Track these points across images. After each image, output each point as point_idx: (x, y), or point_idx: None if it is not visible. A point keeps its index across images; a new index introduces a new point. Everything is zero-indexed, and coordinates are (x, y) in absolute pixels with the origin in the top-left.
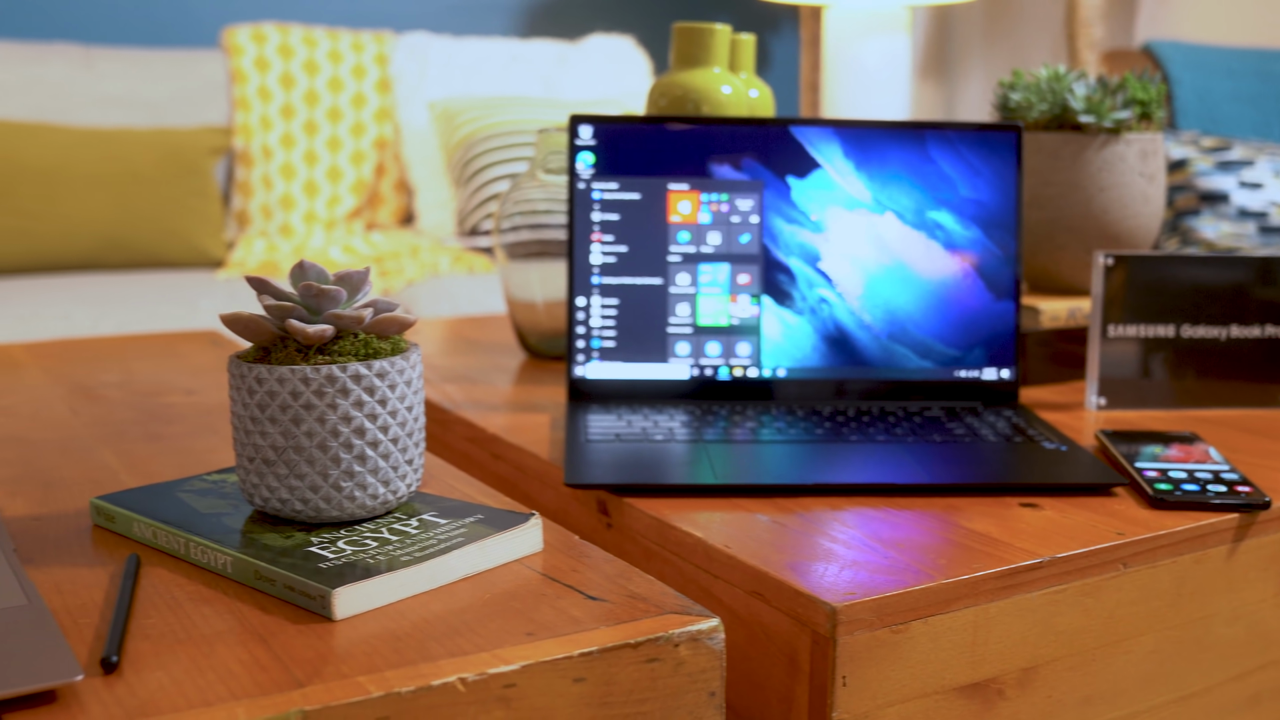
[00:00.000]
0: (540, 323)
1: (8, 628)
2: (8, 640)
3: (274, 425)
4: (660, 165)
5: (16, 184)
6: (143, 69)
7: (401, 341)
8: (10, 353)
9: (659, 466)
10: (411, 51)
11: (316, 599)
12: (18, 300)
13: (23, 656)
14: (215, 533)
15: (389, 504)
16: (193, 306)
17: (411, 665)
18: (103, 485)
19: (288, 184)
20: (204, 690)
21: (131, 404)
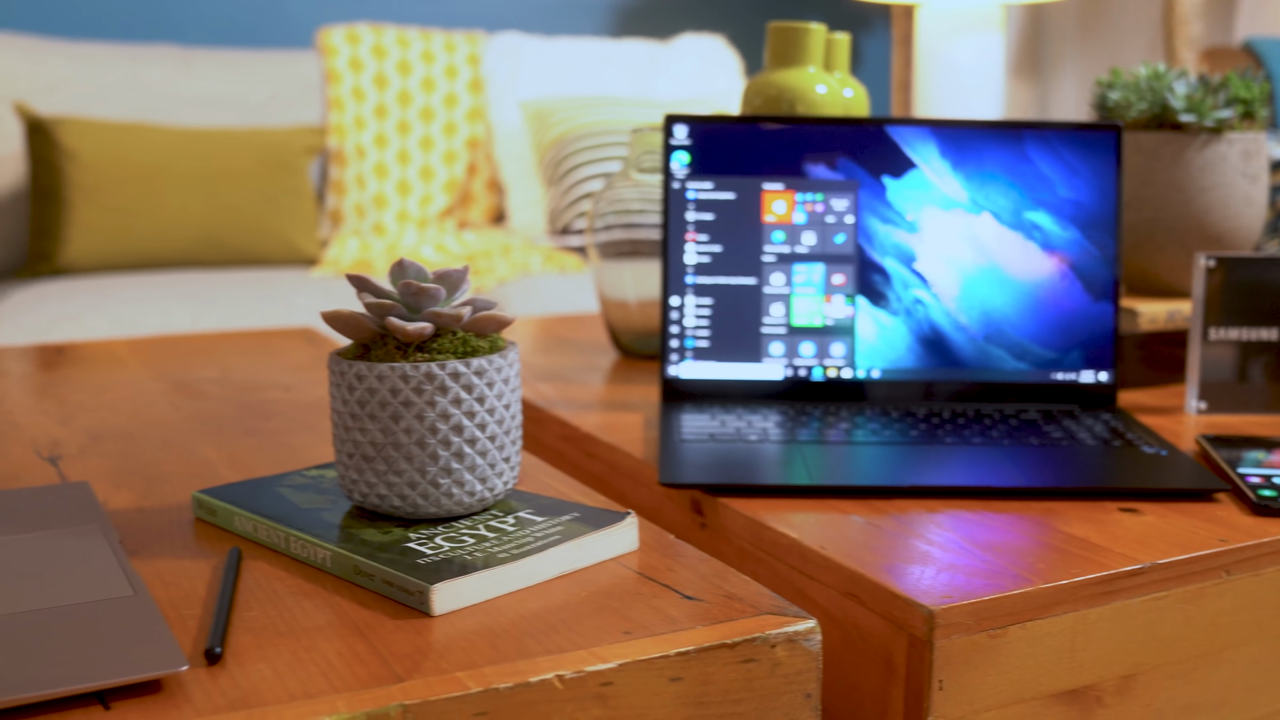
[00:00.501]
0: (633, 322)
1: (115, 618)
2: (115, 630)
3: (373, 422)
4: (755, 165)
5: (118, 183)
6: (240, 70)
7: (499, 340)
8: (112, 349)
9: (753, 467)
10: (503, 51)
11: (415, 594)
12: (119, 296)
13: (129, 646)
14: (315, 527)
15: (486, 501)
16: (288, 304)
17: (509, 662)
18: (203, 479)
19: (381, 183)
20: (305, 683)
21: (230, 400)
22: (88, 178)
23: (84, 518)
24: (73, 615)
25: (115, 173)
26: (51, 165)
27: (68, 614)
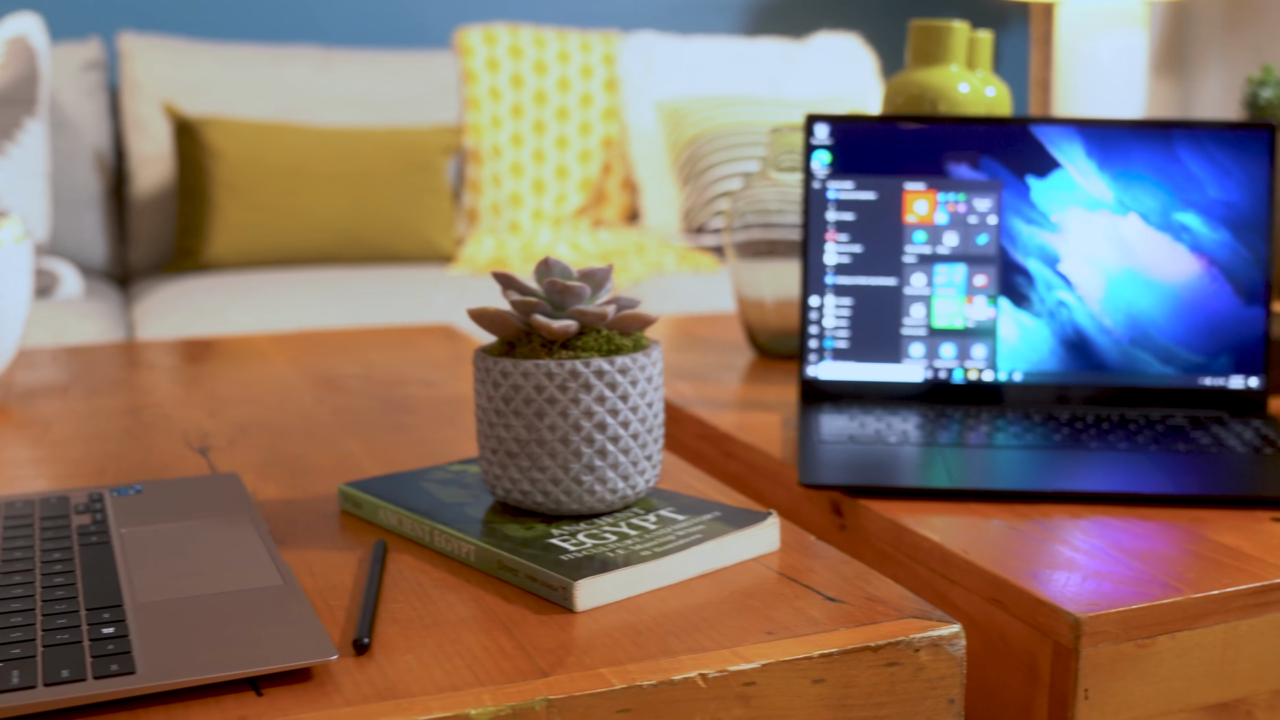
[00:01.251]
0: (770, 322)
1: (265, 607)
2: (265, 619)
3: (517, 418)
4: (896, 164)
5: (261, 181)
6: (379, 70)
7: (643, 338)
8: (257, 344)
9: (893, 468)
10: (638, 51)
11: (558, 590)
12: (261, 292)
13: (280, 635)
14: (459, 522)
15: (628, 499)
16: (425, 300)
17: (652, 659)
18: (348, 472)
19: (516, 182)
20: (451, 675)
21: (372, 394)
22: (232, 176)
23: (235, 508)
24: (226, 602)
25: (258, 171)
26: (198, 164)
27: (221, 601)
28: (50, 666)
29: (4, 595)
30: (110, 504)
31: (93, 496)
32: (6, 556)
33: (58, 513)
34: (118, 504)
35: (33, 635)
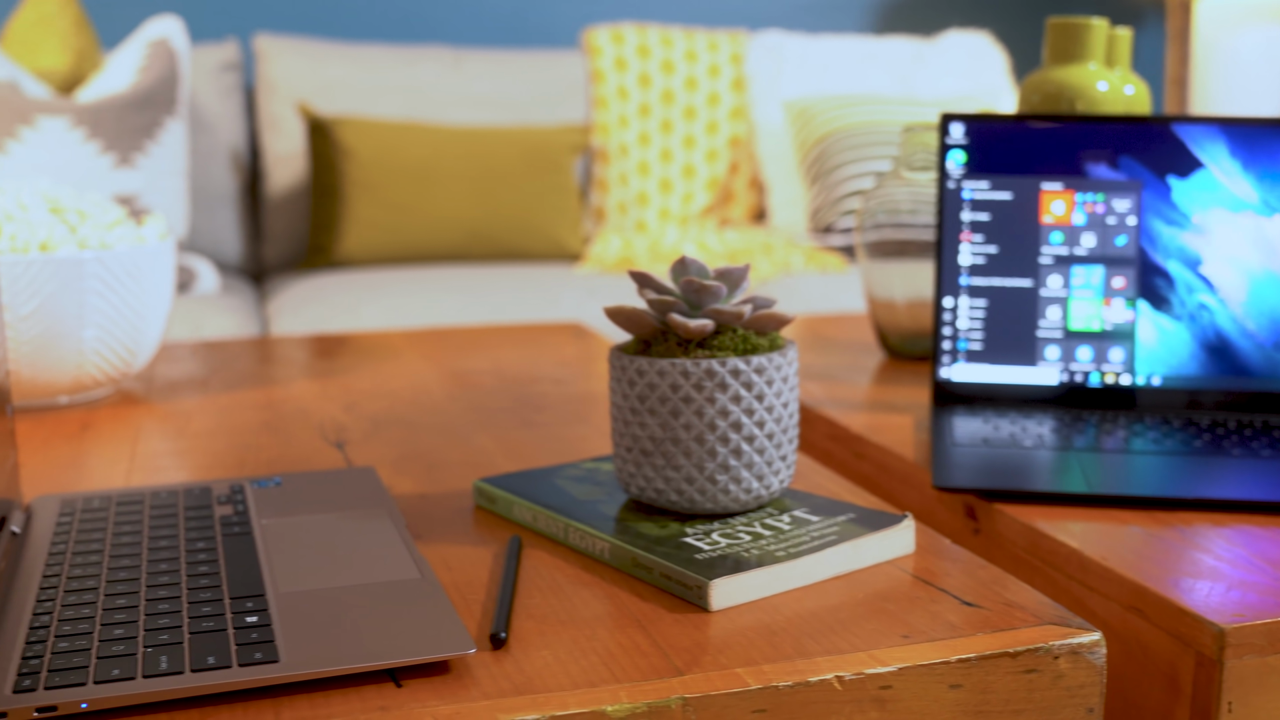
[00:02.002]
0: (901, 322)
1: (404, 600)
2: (404, 611)
3: (652, 417)
4: (1033, 164)
5: (391, 180)
6: (507, 70)
7: (778, 338)
8: (390, 340)
9: (1028, 472)
10: (766, 50)
11: (693, 589)
12: (392, 289)
13: (419, 628)
14: (593, 519)
15: (761, 499)
16: (553, 299)
17: (788, 660)
18: (481, 468)
19: (643, 181)
20: (587, 671)
21: (504, 391)
22: (364, 175)
23: (371, 501)
24: (365, 594)
25: (389, 170)
26: (330, 163)
27: (360, 593)
28: (197, 653)
29: (152, 582)
30: (251, 495)
31: (234, 488)
32: (153, 545)
33: (200, 503)
34: (258, 495)
35: (179, 622)
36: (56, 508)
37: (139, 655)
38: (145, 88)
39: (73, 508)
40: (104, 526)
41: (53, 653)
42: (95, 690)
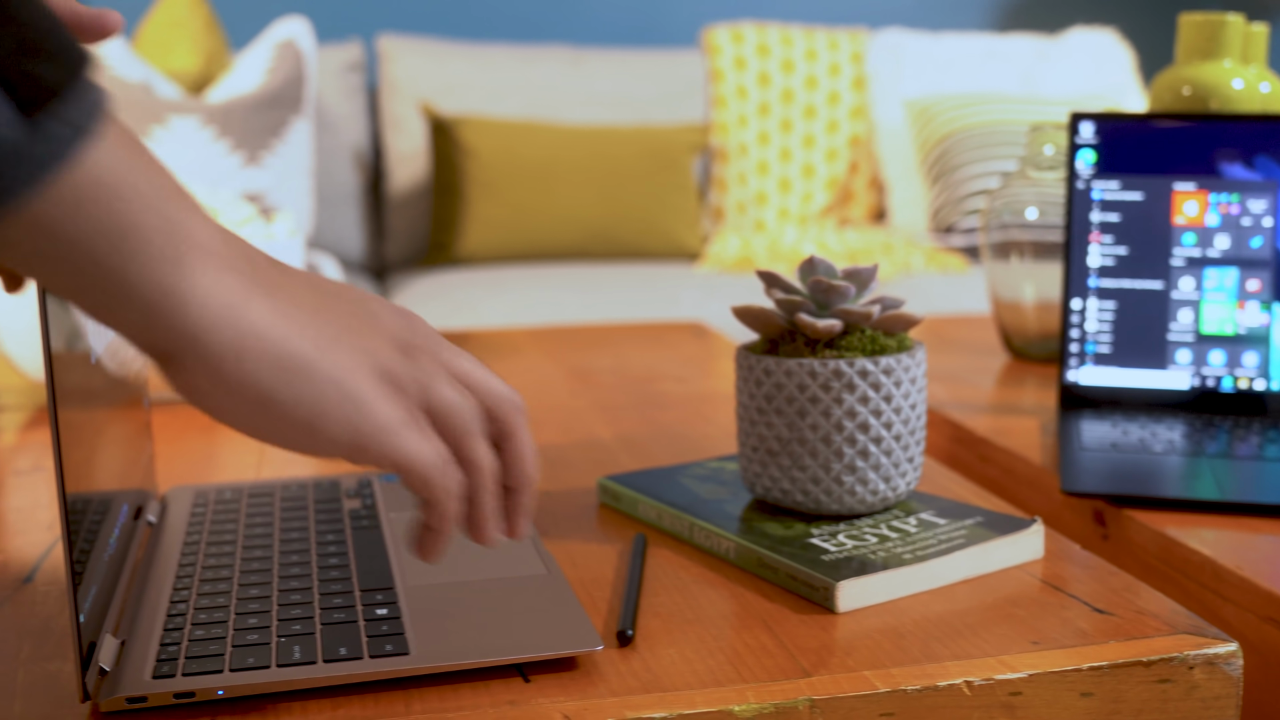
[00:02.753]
0: (1026, 324)
1: (531, 595)
2: (531, 607)
3: (779, 417)
4: (1165, 164)
5: (512, 178)
6: (627, 69)
7: (906, 339)
8: (513, 337)
9: (1159, 478)
10: (887, 48)
11: (820, 590)
12: (511, 286)
13: (546, 623)
14: (718, 518)
15: (888, 501)
16: (672, 298)
17: (916, 664)
18: (605, 465)
19: (762, 180)
20: (714, 670)
21: (626, 389)
22: (485, 173)
23: None
24: (493, 589)
25: (510, 169)
26: (452, 162)
27: (488, 588)
28: (329, 644)
29: (284, 574)
30: (379, 489)
31: (361, 482)
32: (284, 536)
33: (329, 496)
34: (385, 489)
35: (311, 613)
36: (190, 498)
37: (272, 644)
38: (273, 88)
39: (206, 499)
40: (236, 518)
41: (189, 640)
42: (231, 678)
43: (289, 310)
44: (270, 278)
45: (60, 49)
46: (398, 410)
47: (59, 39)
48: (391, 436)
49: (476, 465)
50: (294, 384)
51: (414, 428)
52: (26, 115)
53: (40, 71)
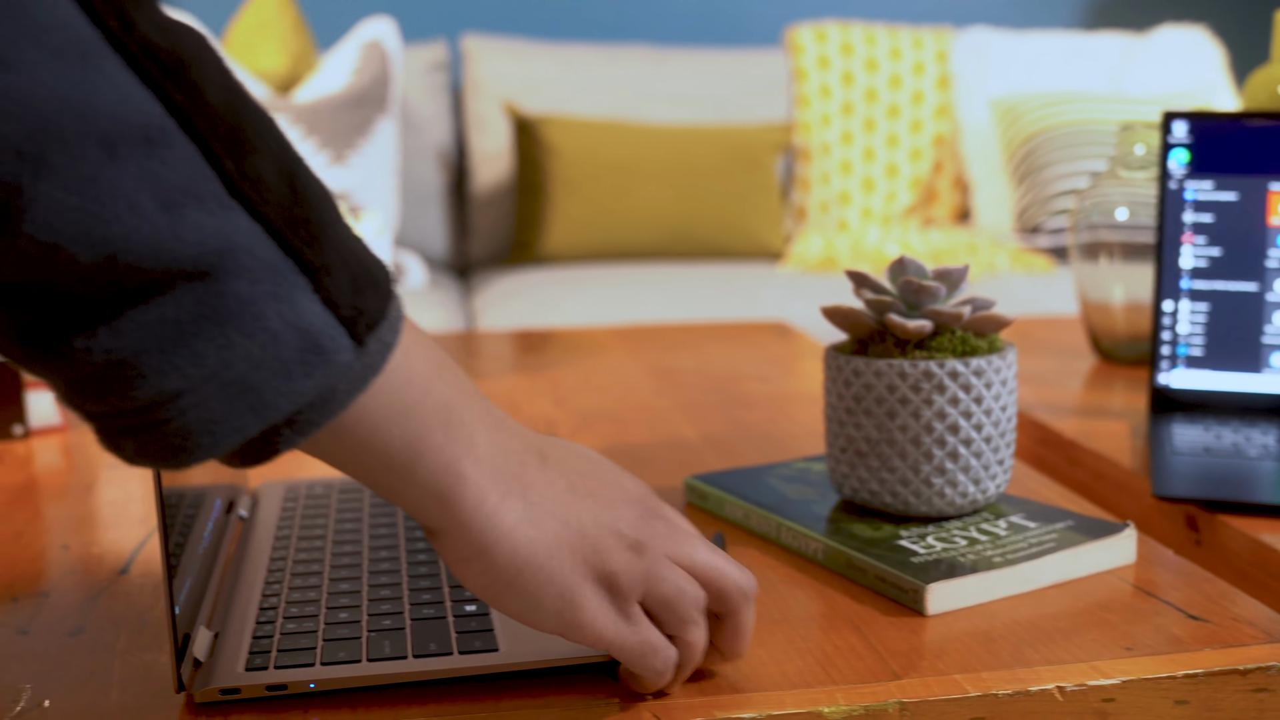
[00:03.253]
0: (1116, 326)
1: None
2: None
3: (868, 418)
4: (1260, 164)
5: (595, 177)
6: (710, 68)
7: (997, 340)
8: (596, 336)
9: (1254, 483)
10: (972, 47)
11: (909, 592)
12: (594, 285)
13: None
14: (805, 519)
15: (977, 503)
16: (754, 297)
17: (1007, 669)
18: (690, 464)
19: (845, 180)
20: (803, 671)
21: (710, 388)
22: (568, 172)
23: None
24: None
25: (593, 168)
26: (535, 161)
27: None
28: (418, 639)
29: (373, 569)
30: None
31: None
32: (373, 533)
33: None
34: None
35: (401, 609)
36: (281, 494)
37: (363, 639)
38: (359, 88)
39: (296, 494)
40: (326, 514)
41: (281, 634)
42: (322, 671)
43: (535, 514)
44: (527, 475)
45: (376, 277)
46: (607, 609)
47: (374, 266)
48: (597, 631)
49: (689, 645)
50: (520, 581)
51: (622, 622)
52: (357, 343)
53: (366, 305)
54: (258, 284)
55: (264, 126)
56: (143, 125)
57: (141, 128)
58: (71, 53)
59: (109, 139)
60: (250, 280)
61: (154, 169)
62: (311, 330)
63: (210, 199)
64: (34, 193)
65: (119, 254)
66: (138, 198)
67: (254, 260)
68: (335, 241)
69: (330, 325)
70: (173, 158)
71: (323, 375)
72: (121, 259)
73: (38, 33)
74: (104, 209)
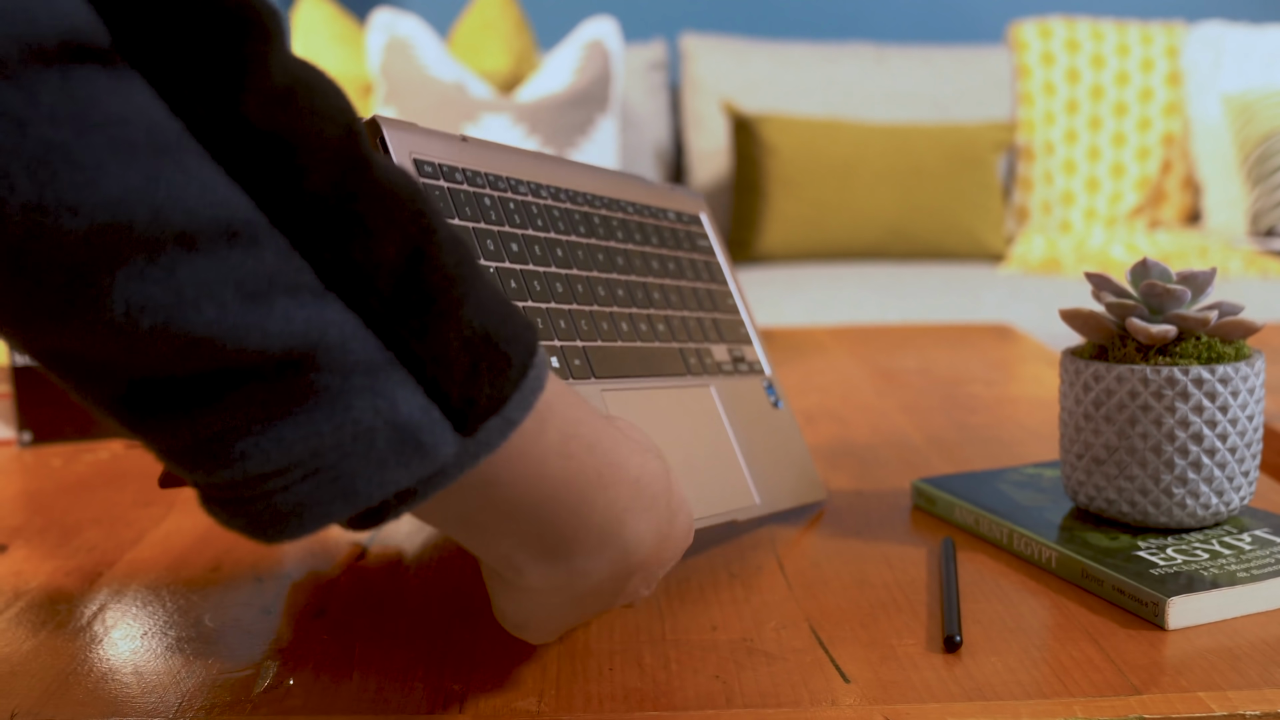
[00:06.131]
0: None
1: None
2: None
3: (1108, 424)
4: None
5: (813, 177)
6: (930, 66)
7: (1244, 347)
8: (816, 336)
9: None
10: (1205, 42)
11: (1148, 605)
12: (812, 285)
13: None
14: (1038, 526)
15: (1219, 515)
16: (975, 299)
17: (1255, 689)
18: (916, 467)
19: (1068, 180)
20: (1039, 682)
21: (934, 391)
22: (786, 171)
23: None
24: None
25: (811, 167)
26: (753, 160)
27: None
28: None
29: None
30: None
31: None
32: None
33: None
34: None
35: None
36: None
37: None
38: (581, 87)
39: None
40: None
41: None
42: None
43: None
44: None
45: (508, 354)
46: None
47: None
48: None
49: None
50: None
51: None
52: (465, 434)
53: (482, 392)
54: (350, 377)
55: (390, 203)
56: (225, 220)
57: (224, 222)
58: (145, 147)
59: (185, 234)
60: (341, 374)
61: (238, 261)
62: (409, 425)
63: (303, 290)
64: (107, 282)
65: (201, 343)
66: (219, 290)
67: (345, 354)
68: (458, 325)
69: (433, 419)
70: (259, 250)
71: (420, 467)
72: (204, 348)
73: (109, 125)
74: (182, 300)
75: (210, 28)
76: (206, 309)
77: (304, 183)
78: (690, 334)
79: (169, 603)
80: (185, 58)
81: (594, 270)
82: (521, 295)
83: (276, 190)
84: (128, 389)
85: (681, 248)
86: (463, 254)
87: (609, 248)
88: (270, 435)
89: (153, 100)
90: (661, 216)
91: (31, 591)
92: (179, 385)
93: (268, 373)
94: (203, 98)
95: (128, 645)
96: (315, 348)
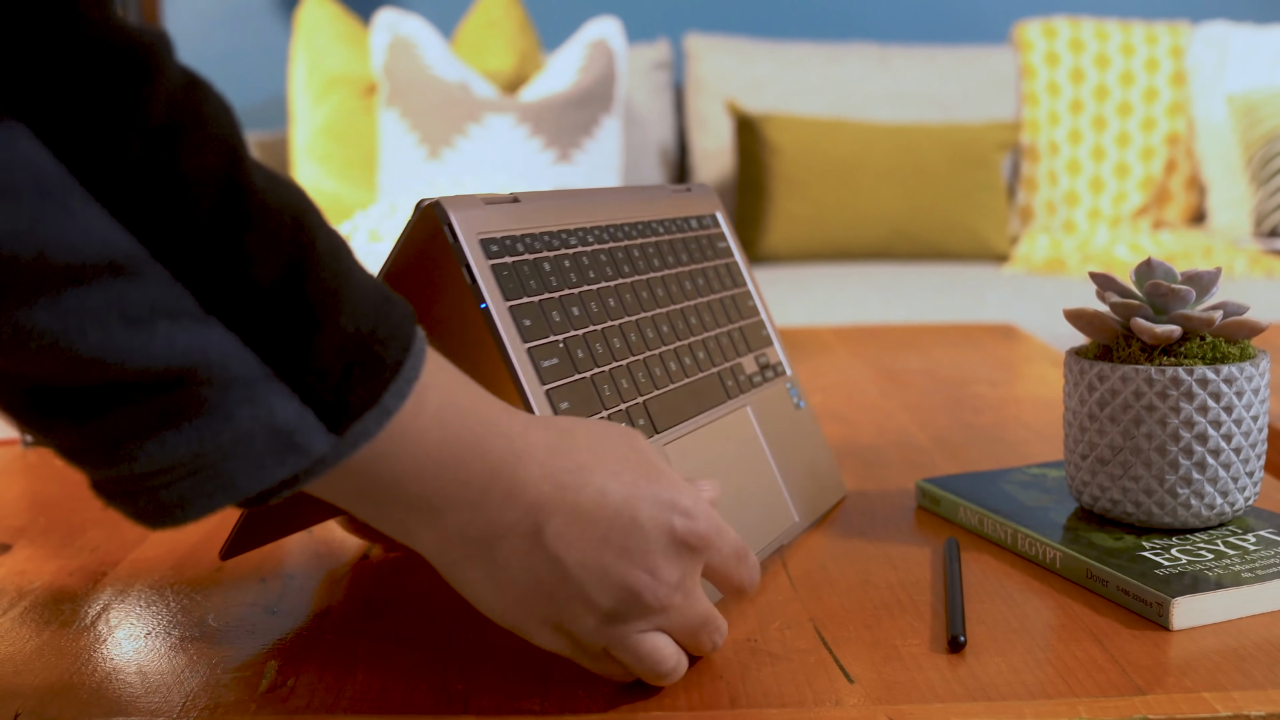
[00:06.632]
0: None
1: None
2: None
3: (1112, 424)
4: None
5: (816, 176)
6: (934, 66)
7: (1249, 347)
8: (820, 336)
9: None
10: (1209, 42)
11: (1153, 606)
12: (816, 285)
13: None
14: (1042, 526)
15: (1224, 516)
16: (978, 299)
17: (1259, 689)
18: (920, 467)
19: (1073, 180)
20: (1043, 683)
21: (938, 391)
22: (790, 171)
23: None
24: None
25: (815, 167)
26: (757, 160)
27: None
28: None
29: None
30: None
31: None
32: None
33: None
34: None
35: None
36: None
37: None
38: (585, 87)
39: None
40: None
41: None
42: None
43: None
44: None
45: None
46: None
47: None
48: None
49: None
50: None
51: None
52: (336, 434)
53: (355, 395)
54: (229, 391)
55: (271, 224)
56: (108, 255)
57: (106, 257)
58: (31, 192)
59: (71, 267)
60: (221, 388)
61: (120, 291)
62: (285, 429)
63: (184, 315)
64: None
65: (88, 363)
66: (103, 316)
67: (225, 371)
68: (334, 335)
69: (307, 423)
70: (141, 281)
71: (296, 463)
72: (92, 367)
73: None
74: (68, 326)
75: (91, 72)
76: (92, 334)
77: (186, 216)
78: (724, 351)
79: (173, 602)
80: (67, 106)
81: (641, 311)
82: (589, 364)
83: (160, 225)
84: (24, 396)
85: (705, 257)
86: (340, 262)
87: (649, 280)
88: (155, 441)
89: (37, 148)
90: (685, 228)
91: (35, 591)
92: (72, 395)
93: (153, 388)
94: (85, 143)
95: (131, 645)
96: (196, 366)
